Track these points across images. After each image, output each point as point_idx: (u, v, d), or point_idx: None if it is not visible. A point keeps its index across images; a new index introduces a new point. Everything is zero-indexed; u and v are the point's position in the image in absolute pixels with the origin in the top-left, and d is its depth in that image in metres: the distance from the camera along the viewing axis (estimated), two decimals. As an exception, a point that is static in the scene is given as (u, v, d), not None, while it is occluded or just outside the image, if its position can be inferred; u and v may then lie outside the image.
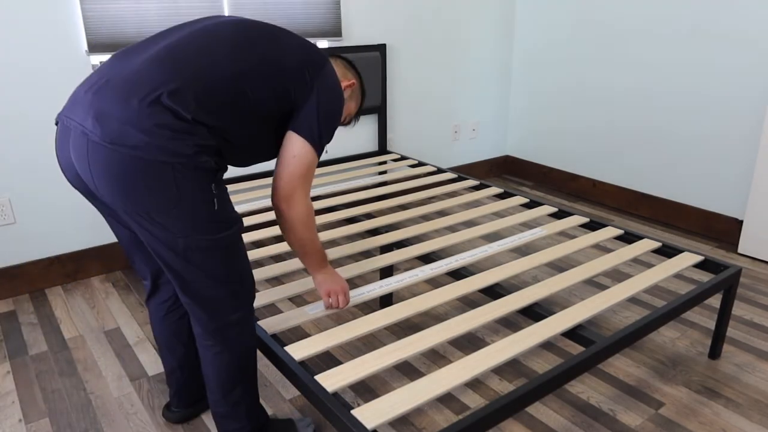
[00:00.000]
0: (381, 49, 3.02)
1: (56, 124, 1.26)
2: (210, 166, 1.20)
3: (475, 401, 1.74)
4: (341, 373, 1.31)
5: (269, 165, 2.88)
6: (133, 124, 1.12)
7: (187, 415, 1.66)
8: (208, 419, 1.67)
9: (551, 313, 1.60)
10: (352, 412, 1.19)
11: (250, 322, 1.38)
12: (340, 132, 3.09)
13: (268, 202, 2.36)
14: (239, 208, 2.28)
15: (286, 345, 1.42)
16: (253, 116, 1.26)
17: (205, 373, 1.40)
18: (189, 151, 1.15)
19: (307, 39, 1.84)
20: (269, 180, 2.69)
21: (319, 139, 1.35)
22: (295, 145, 1.33)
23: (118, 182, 1.14)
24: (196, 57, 1.20)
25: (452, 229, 2.96)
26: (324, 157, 3.06)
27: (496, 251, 1.96)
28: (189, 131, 1.15)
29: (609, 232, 2.11)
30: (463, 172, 3.72)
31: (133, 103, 1.12)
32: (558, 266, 2.59)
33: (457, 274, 1.86)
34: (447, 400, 1.74)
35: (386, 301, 2.21)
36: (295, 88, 1.31)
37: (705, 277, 2.53)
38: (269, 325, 1.51)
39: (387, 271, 2.17)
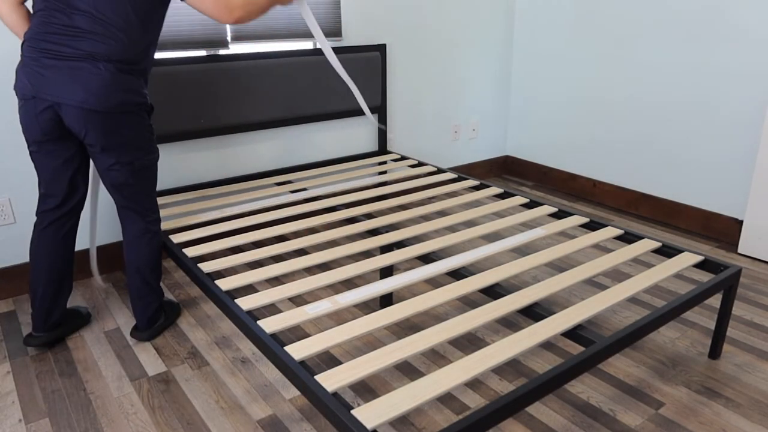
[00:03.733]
0: (381, 49, 3.02)
1: (23, 99, 1.68)
2: (151, 108, 1.82)
3: (475, 401, 1.74)
4: (341, 373, 1.31)
5: (269, 166, 2.88)
6: (112, 90, 1.66)
7: (50, 338, 1.95)
8: (207, 418, 1.67)
9: (551, 313, 1.60)
10: (352, 412, 1.19)
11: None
12: (340, 132, 3.09)
13: (268, 202, 2.36)
14: (240, 208, 2.29)
15: (286, 345, 1.42)
16: (153, 19, 1.75)
17: (141, 255, 1.90)
18: (144, 100, 1.76)
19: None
20: (268, 180, 2.69)
21: None
22: None
23: (111, 132, 1.70)
24: (109, 20, 1.64)
25: (452, 229, 2.96)
26: (324, 156, 3.07)
27: (496, 251, 1.96)
28: (137, 77, 1.72)
29: (609, 232, 2.11)
30: (463, 172, 3.72)
31: (105, 74, 1.64)
32: (558, 266, 2.59)
33: (457, 274, 1.86)
34: (447, 400, 1.74)
35: (386, 301, 2.21)
36: None
37: (705, 277, 2.53)
38: (269, 325, 1.51)
39: (387, 271, 2.17)
